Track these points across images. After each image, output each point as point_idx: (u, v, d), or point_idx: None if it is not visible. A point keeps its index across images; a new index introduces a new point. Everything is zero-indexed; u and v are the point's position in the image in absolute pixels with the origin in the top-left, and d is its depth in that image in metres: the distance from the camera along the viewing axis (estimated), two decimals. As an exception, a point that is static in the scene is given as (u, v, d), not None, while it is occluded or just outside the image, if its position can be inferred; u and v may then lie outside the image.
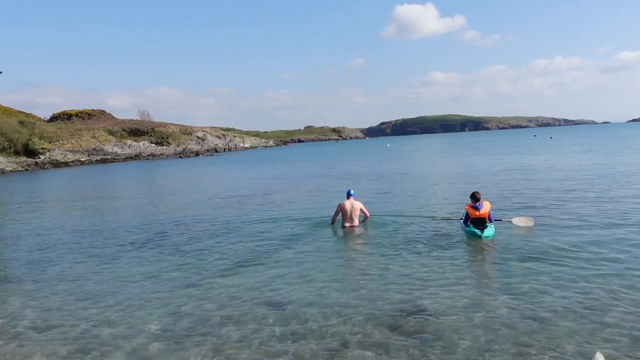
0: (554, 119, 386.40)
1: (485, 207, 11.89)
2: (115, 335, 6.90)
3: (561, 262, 9.16)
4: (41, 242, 14.17)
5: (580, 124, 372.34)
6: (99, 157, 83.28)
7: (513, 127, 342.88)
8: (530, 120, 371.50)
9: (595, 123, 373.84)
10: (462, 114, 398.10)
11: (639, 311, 6.71)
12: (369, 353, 5.90)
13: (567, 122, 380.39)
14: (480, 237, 11.48)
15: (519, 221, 12.76)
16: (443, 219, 13.94)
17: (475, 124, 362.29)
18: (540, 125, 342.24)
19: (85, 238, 14.44)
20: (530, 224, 12.57)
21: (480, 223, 11.80)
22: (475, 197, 12.01)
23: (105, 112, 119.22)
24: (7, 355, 6.42)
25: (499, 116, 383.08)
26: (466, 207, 12.22)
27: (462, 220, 12.59)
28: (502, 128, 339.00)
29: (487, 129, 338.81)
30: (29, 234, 15.84)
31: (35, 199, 28.50)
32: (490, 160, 39.69)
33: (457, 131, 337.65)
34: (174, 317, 7.44)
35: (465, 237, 11.85)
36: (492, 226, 11.86)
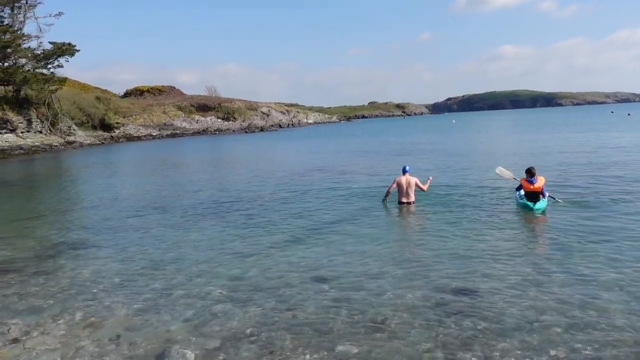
0: (634, 94, 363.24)
1: (540, 182, 12.34)
2: (184, 295, 7.50)
3: (619, 243, 8.99)
4: (115, 212, 15.22)
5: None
6: (169, 132, 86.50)
7: (589, 103, 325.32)
8: (607, 95, 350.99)
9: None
10: (533, 90, 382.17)
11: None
12: (417, 322, 6.16)
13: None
14: (532, 209, 11.90)
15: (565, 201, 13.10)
16: (506, 175, 14.33)
17: (547, 100, 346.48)
18: (618, 101, 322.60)
19: (155, 209, 15.36)
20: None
21: (534, 197, 12.24)
22: (530, 172, 12.41)
23: (174, 88, 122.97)
24: (85, 313, 7.14)
25: (574, 92, 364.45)
26: (521, 181, 12.69)
27: (517, 191, 13.04)
28: (577, 104, 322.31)
29: (560, 105, 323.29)
30: (105, 203, 17.01)
31: (111, 171, 30.27)
32: (555, 138, 38.23)
33: (527, 107, 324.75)
34: (237, 283, 7.96)
35: (520, 213, 12.08)
36: (545, 200, 12.27)
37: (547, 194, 12.50)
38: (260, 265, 8.84)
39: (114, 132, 75.89)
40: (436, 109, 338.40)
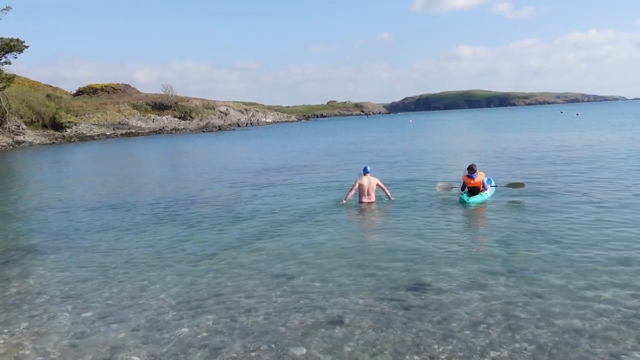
0: (582, 94, 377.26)
1: (479, 177, 13.26)
2: (134, 303, 7.36)
3: (564, 242, 9.32)
4: (65, 214, 14.80)
5: (610, 100, 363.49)
6: (123, 131, 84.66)
7: (540, 103, 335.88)
8: (558, 96, 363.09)
9: (625, 99, 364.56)
10: (488, 90, 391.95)
11: (634, 293, 6.90)
12: (366, 324, 6.25)
13: (596, 98, 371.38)
14: (466, 202, 12.92)
15: (512, 185, 14.16)
16: (447, 188, 14.69)
17: (501, 100, 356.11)
18: (568, 102, 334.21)
19: (108, 210, 15.02)
20: (524, 186, 13.95)
21: (475, 191, 13.16)
22: (471, 169, 13.35)
23: (129, 86, 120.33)
24: (30, 323, 6.93)
25: (526, 92, 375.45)
26: (463, 178, 13.64)
27: (462, 190, 13.80)
28: (529, 104, 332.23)
29: (514, 105, 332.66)
30: (55, 205, 16.51)
31: (62, 171, 29.40)
32: (503, 137, 39.34)
33: (482, 107, 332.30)
34: (190, 288, 7.86)
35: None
36: (484, 194, 13.31)
37: (489, 187, 13.56)
38: (214, 268, 8.78)
39: (66, 131, 73.75)
40: (393, 108, 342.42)
